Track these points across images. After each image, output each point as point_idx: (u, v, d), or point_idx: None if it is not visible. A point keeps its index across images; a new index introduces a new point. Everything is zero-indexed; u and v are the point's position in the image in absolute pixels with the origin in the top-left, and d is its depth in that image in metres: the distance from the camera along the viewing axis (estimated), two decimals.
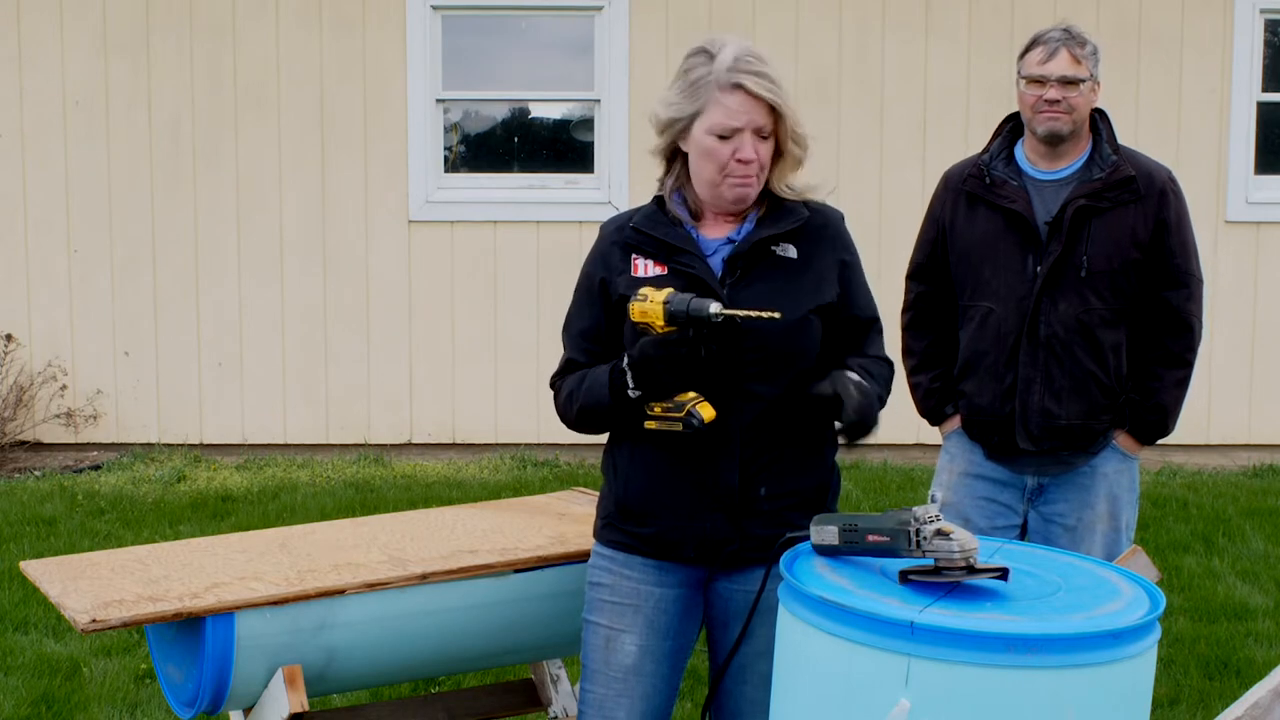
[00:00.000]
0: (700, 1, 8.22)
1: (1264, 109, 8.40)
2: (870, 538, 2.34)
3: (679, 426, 2.56)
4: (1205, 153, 8.28)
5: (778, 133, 2.64)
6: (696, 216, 2.73)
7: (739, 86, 2.58)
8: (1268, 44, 8.42)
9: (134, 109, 8.18)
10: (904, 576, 2.25)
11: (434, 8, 8.23)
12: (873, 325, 2.80)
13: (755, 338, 2.61)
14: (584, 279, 2.79)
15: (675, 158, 2.74)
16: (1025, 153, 3.61)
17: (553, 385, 2.81)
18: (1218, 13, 8.26)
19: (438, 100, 8.30)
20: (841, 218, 2.79)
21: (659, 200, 2.76)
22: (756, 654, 2.70)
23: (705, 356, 2.55)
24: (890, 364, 2.83)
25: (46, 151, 8.19)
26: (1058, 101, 3.47)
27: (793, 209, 2.71)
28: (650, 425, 2.59)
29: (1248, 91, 8.31)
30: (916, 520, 2.29)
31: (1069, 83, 3.47)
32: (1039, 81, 3.49)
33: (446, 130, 8.47)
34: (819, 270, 2.71)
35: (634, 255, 2.71)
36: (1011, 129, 3.67)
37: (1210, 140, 8.31)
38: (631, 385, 2.58)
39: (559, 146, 8.70)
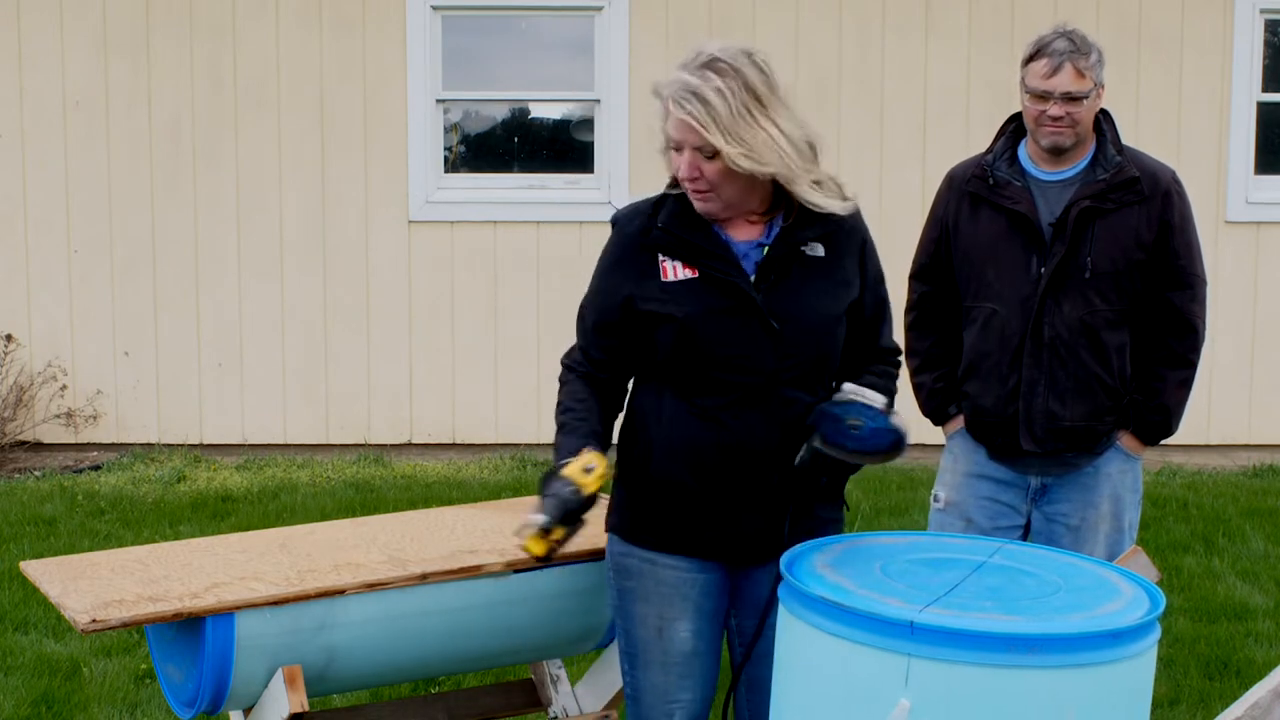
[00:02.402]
0: (700, 1, 8.22)
1: (1264, 109, 8.40)
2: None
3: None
4: (1205, 153, 8.28)
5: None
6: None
7: (671, 106, 2.59)
8: (1268, 44, 8.42)
9: (134, 109, 8.18)
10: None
11: (434, 8, 8.23)
12: (883, 321, 2.85)
13: (789, 344, 2.65)
14: (605, 280, 2.76)
15: None
16: (1029, 153, 3.60)
17: (563, 371, 2.81)
18: (1218, 13, 8.26)
19: (438, 100, 8.30)
20: (861, 216, 2.81)
21: (684, 197, 2.70)
22: None
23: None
24: (897, 358, 2.92)
25: (46, 151, 8.19)
26: (1061, 117, 3.45)
27: (823, 214, 2.69)
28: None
29: (1248, 91, 8.30)
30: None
31: (1073, 99, 3.44)
32: (1042, 96, 3.47)
33: (446, 130, 8.47)
34: (847, 268, 2.75)
35: (661, 257, 2.68)
36: (1015, 129, 3.65)
37: (1210, 140, 8.31)
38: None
39: (559, 146, 8.70)
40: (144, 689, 4.47)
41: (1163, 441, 3.65)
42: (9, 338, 8.06)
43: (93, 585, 2.84)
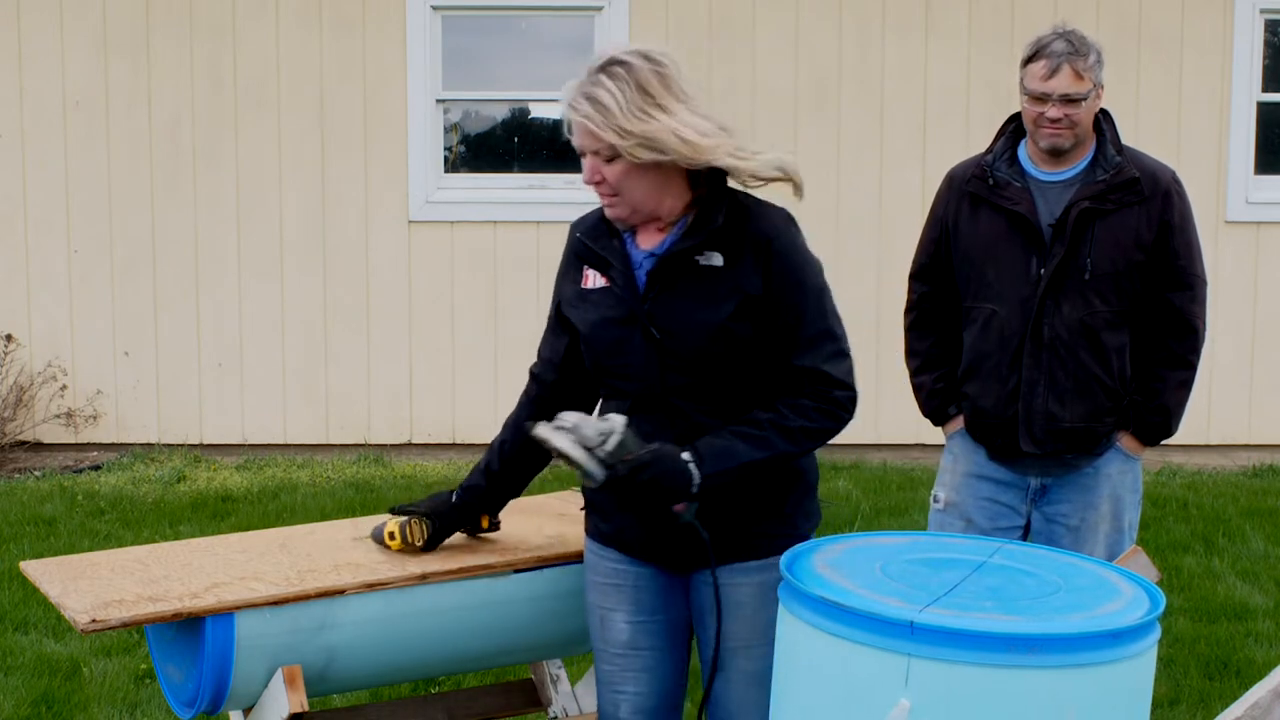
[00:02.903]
0: (700, 1, 8.22)
1: (1264, 109, 8.40)
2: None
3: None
4: (1205, 153, 8.28)
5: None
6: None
7: (567, 112, 2.61)
8: (1268, 44, 8.42)
9: (134, 109, 8.18)
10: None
11: (434, 8, 8.23)
12: (800, 336, 2.62)
13: (672, 355, 2.64)
14: (555, 282, 2.89)
15: None
16: (1029, 154, 3.59)
17: (530, 375, 3.00)
18: (1218, 13, 8.26)
19: (438, 100, 8.30)
20: (784, 221, 2.65)
21: None
22: (735, 650, 2.73)
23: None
24: (823, 388, 2.63)
25: (46, 151, 8.19)
26: (1059, 119, 3.45)
27: (713, 217, 2.63)
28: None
29: (1248, 91, 8.31)
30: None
31: (1071, 100, 3.44)
32: (1041, 98, 3.47)
33: (446, 130, 8.47)
34: (741, 273, 2.62)
35: (584, 265, 2.79)
36: (1015, 129, 3.65)
37: (1210, 140, 8.31)
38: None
39: (559, 146, 8.69)
40: (144, 689, 4.47)
41: (1163, 442, 3.65)
42: (9, 338, 8.06)
43: (93, 585, 2.84)
